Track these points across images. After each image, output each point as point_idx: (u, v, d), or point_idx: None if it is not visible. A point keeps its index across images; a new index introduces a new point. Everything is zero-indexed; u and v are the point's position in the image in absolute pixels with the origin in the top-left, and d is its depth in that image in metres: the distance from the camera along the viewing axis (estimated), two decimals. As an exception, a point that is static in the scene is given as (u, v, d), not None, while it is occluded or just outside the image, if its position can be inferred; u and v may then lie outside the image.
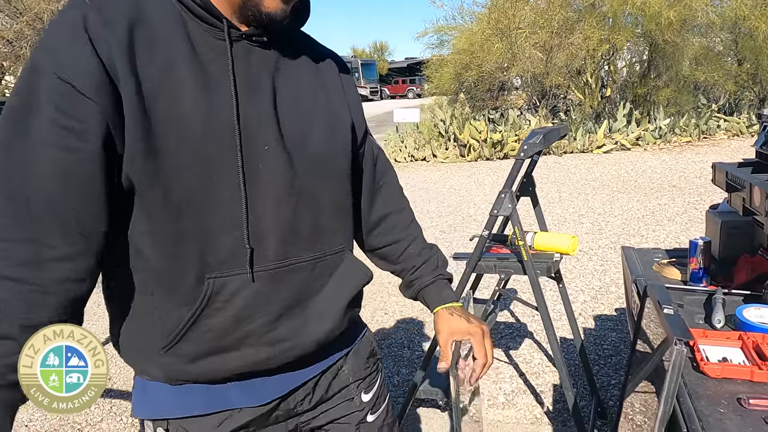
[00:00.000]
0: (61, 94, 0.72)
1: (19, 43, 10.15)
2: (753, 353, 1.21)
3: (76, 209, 0.75)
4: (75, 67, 0.72)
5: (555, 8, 11.23)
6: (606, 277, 4.12)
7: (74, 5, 0.76)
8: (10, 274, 0.73)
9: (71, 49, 0.73)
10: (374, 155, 1.10)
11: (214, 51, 0.82)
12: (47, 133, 0.72)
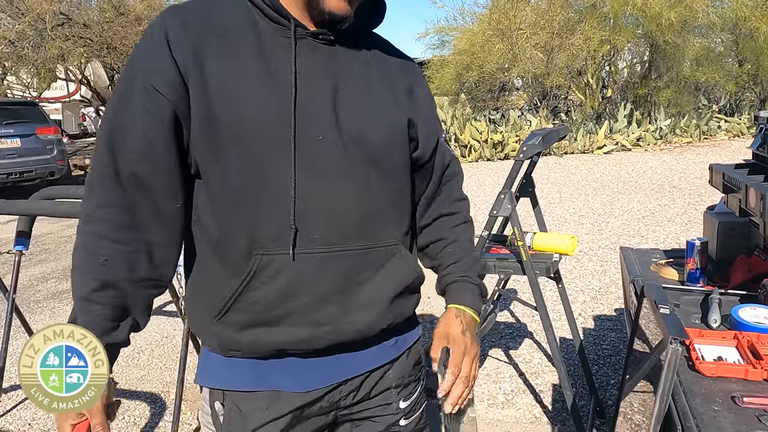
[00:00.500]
0: (145, 90, 0.87)
1: (21, 43, 10.17)
2: (748, 352, 1.23)
3: (160, 186, 0.90)
4: (154, 70, 0.87)
5: (556, 9, 11.24)
6: (606, 278, 4.13)
7: (160, 17, 0.91)
8: (115, 235, 0.88)
9: (153, 53, 0.88)
10: (444, 163, 1.10)
11: (281, 48, 0.90)
12: (138, 119, 0.88)
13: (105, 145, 0.89)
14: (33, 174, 8.81)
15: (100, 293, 0.88)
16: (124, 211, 0.88)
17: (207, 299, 0.95)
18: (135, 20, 10.96)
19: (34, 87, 13.72)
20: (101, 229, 0.88)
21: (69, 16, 10.47)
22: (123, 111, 0.89)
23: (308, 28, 0.91)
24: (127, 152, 0.88)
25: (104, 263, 0.88)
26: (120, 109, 0.89)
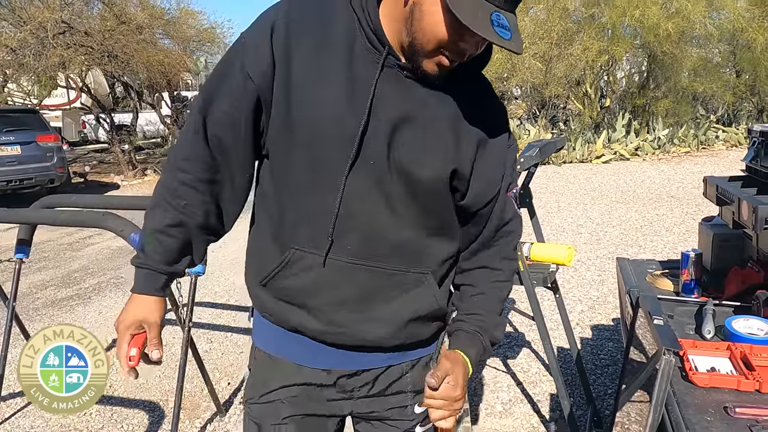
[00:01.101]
0: (242, 69, 0.97)
1: (22, 51, 10.20)
2: (740, 363, 1.25)
3: (237, 153, 1.02)
4: (252, 57, 0.96)
5: (554, 19, 11.31)
6: (604, 287, 4.15)
7: (274, 7, 0.99)
8: (196, 185, 1.02)
9: (256, 42, 0.96)
10: (503, 219, 1.08)
11: (368, 67, 0.95)
12: (230, 92, 0.98)
13: (200, 106, 1.01)
14: (33, 181, 8.82)
15: (174, 229, 1.02)
16: (206, 166, 1.01)
17: (256, 263, 1.08)
18: (136, 29, 10.99)
19: (35, 94, 13.75)
20: (185, 177, 1.01)
21: (70, 25, 10.49)
22: (221, 80, 0.99)
23: (399, 59, 0.95)
24: (216, 117, 0.99)
25: (184, 206, 1.02)
26: (220, 78, 1.00)
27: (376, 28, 0.94)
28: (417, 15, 0.90)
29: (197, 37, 12.91)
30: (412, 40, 0.92)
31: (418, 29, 0.91)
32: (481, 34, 0.85)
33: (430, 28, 0.90)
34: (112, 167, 12.67)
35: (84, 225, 2.29)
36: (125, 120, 13.82)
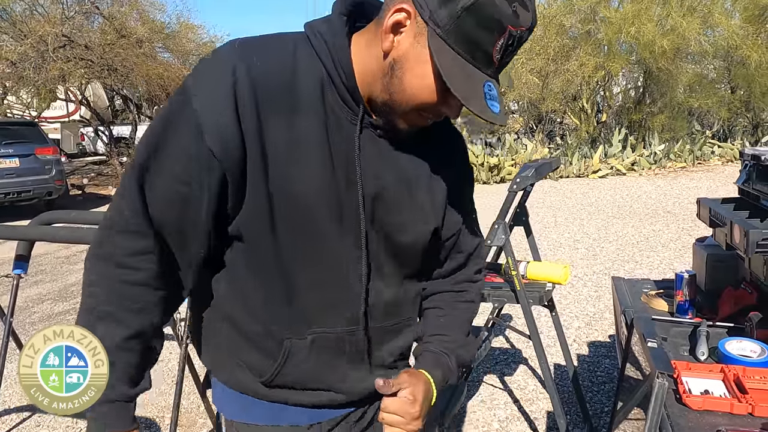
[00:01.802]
0: (198, 138, 0.80)
1: (22, 64, 10.27)
2: (733, 386, 1.26)
3: (191, 235, 0.86)
4: (214, 131, 0.79)
5: (551, 35, 11.43)
6: (600, 304, 4.16)
7: (230, 53, 0.82)
8: (150, 283, 0.86)
9: (217, 113, 0.79)
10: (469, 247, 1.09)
11: (342, 129, 0.87)
12: (180, 166, 0.82)
13: (136, 182, 0.82)
14: (31, 194, 8.83)
15: (133, 341, 0.87)
16: (157, 258, 0.85)
17: (234, 351, 0.96)
18: (136, 42, 11.09)
19: (34, 107, 13.81)
20: (135, 277, 0.84)
21: (71, 38, 10.59)
22: (164, 152, 0.82)
23: (371, 115, 0.89)
24: (161, 199, 0.83)
25: (139, 310, 0.86)
26: (162, 149, 0.81)
27: (351, 86, 0.85)
28: (398, 73, 0.82)
29: (197, 51, 13.01)
30: (389, 97, 0.84)
31: (398, 89, 0.83)
32: (475, 110, 0.79)
33: (413, 90, 0.82)
34: (110, 180, 12.69)
35: (83, 242, 2.30)
36: (124, 133, 13.87)
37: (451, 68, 0.78)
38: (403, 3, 0.79)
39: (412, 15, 0.79)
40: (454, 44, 0.78)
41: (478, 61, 0.79)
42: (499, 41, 0.78)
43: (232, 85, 0.79)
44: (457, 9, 0.76)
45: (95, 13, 11.35)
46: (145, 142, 0.83)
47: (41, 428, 2.91)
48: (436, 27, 0.77)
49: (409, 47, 0.80)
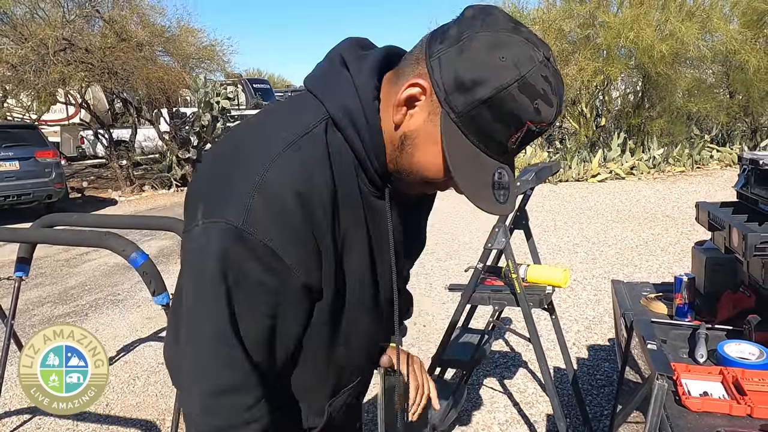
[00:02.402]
0: (271, 266, 0.76)
1: (23, 67, 10.28)
2: (732, 388, 1.27)
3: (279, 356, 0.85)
4: (291, 244, 0.76)
5: (550, 40, 11.45)
6: (599, 307, 4.17)
7: (286, 167, 0.75)
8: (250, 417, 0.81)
9: (288, 224, 0.75)
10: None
11: (373, 209, 0.87)
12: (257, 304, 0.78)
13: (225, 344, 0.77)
14: (31, 197, 8.84)
15: None
16: (268, 396, 0.83)
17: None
18: (136, 46, 11.10)
19: (34, 110, 13.81)
20: (263, 424, 0.82)
21: (71, 42, 10.59)
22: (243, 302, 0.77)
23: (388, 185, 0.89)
24: (255, 343, 0.80)
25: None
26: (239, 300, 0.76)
27: (383, 170, 0.83)
28: (408, 149, 0.80)
29: (197, 55, 13.01)
30: (397, 169, 0.83)
31: (406, 164, 0.81)
32: (480, 206, 0.78)
33: (421, 167, 0.80)
34: (109, 183, 12.69)
35: (84, 244, 2.31)
36: (124, 136, 13.88)
37: (460, 157, 0.76)
38: (420, 78, 0.76)
39: (428, 92, 0.76)
40: (467, 131, 0.75)
41: (491, 150, 0.77)
42: (516, 135, 0.75)
43: (301, 204, 0.76)
44: (474, 99, 0.73)
45: (96, 17, 11.36)
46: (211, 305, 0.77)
47: (41, 431, 2.91)
48: (451, 111, 0.74)
49: (421, 124, 0.77)
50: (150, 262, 2.12)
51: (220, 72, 14.84)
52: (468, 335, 2.47)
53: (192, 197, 0.80)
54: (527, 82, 0.72)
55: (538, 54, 0.73)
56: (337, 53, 0.84)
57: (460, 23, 0.75)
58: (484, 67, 0.72)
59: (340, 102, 0.79)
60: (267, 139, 0.78)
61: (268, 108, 0.90)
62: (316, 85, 0.83)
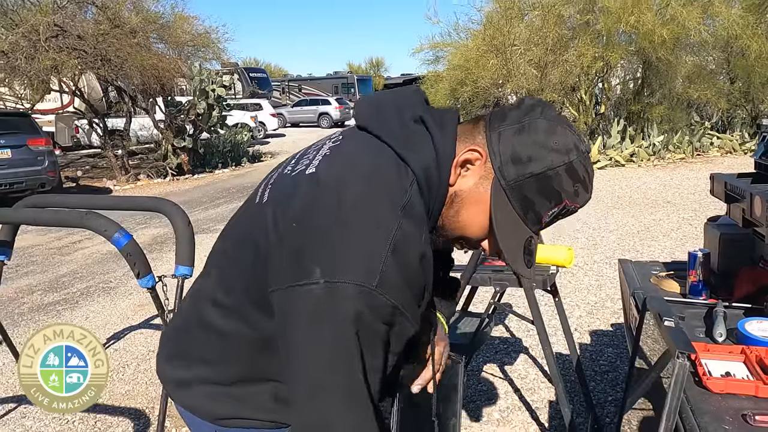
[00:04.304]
0: (397, 324, 0.80)
1: (14, 54, 10.08)
2: (757, 367, 1.17)
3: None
4: (413, 302, 0.83)
5: (549, 26, 11.31)
6: (602, 293, 4.08)
7: (409, 231, 0.80)
8: None
9: (414, 284, 0.82)
10: None
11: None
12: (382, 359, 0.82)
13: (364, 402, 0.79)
14: (23, 185, 8.71)
15: None
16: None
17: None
18: (130, 33, 10.91)
19: (28, 99, 13.62)
20: None
21: (63, 28, 10.39)
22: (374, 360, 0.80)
23: None
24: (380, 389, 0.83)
25: None
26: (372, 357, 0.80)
27: (433, 225, 0.90)
28: (456, 207, 0.88)
29: (192, 42, 12.81)
30: (442, 223, 0.90)
31: (452, 220, 0.90)
32: (513, 267, 0.88)
33: (465, 225, 0.89)
34: (105, 172, 12.56)
35: (66, 225, 2.20)
36: (119, 125, 13.70)
37: (504, 221, 0.86)
38: (478, 146, 0.86)
39: (483, 158, 0.86)
40: (512, 199, 0.85)
41: (528, 219, 0.86)
42: (553, 209, 0.86)
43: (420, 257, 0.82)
44: (526, 172, 0.84)
45: (88, 3, 11.17)
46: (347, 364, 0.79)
47: (27, 419, 2.82)
48: (502, 178, 0.85)
49: (472, 186, 0.87)
50: (133, 242, 2.01)
51: (216, 61, 14.66)
52: (468, 319, 2.38)
53: (296, 250, 0.79)
54: (573, 167, 0.84)
55: (582, 146, 0.86)
56: (408, 108, 0.89)
57: (521, 109, 0.88)
58: (539, 148, 0.84)
59: (424, 165, 0.85)
60: (377, 199, 0.81)
61: (345, 153, 0.89)
62: (397, 142, 0.86)
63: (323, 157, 0.87)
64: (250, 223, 0.91)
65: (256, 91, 24.39)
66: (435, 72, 15.05)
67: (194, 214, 7.95)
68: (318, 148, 0.92)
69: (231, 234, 0.98)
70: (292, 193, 0.84)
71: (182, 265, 2.24)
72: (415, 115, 0.88)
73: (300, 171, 0.87)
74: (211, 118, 12.35)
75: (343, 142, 0.91)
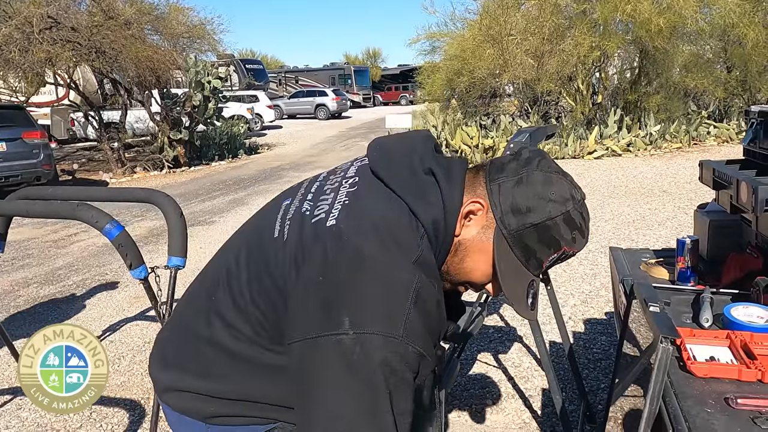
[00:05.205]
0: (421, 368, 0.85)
1: (8, 47, 10.02)
2: (741, 352, 1.18)
3: None
4: (433, 346, 0.88)
5: (546, 15, 11.26)
6: (596, 281, 4.09)
7: (426, 281, 0.85)
8: None
9: (434, 330, 0.87)
10: None
11: None
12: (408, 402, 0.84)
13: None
14: (19, 178, 8.68)
15: None
16: None
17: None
18: (124, 24, 10.84)
19: (23, 92, 13.55)
20: None
21: (57, 20, 10.32)
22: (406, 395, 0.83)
23: None
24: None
25: None
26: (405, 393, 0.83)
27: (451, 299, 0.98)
28: (460, 255, 0.93)
29: (187, 34, 12.73)
30: (447, 269, 0.95)
31: (456, 267, 0.94)
32: (516, 309, 0.92)
33: (468, 272, 0.94)
34: (101, 165, 12.52)
35: (57, 216, 2.20)
36: (114, 117, 13.64)
37: (507, 268, 0.91)
38: (480, 197, 0.92)
39: (485, 209, 0.91)
40: (514, 247, 0.90)
41: (530, 265, 0.92)
42: (553, 256, 0.92)
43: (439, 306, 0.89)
44: (526, 222, 0.89)
45: (82, -6, 11.10)
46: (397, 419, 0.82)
47: (22, 411, 2.83)
48: (504, 228, 0.90)
49: (475, 235, 0.92)
50: (125, 233, 2.01)
51: (211, 52, 14.57)
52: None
53: (324, 302, 0.82)
54: (570, 216, 0.90)
55: (578, 195, 0.92)
56: (418, 158, 0.93)
57: (519, 161, 0.93)
58: (537, 199, 0.89)
59: (432, 219, 0.90)
60: (396, 255, 0.85)
61: (363, 206, 0.91)
62: (409, 196, 0.90)
63: (342, 207, 0.90)
64: (269, 258, 0.92)
65: (252, 82, 24.29)
66: (432, 62, 15.00)
67: (191, 206, 7.94)
68: (335, 189, 0.94)
69: (244, 259, 0.97)
70: (313, 246, 0.87)
71: (175, 256, 2.24)
72: (425, 167, 0.92)
73: (320, 219, 0.89)
74: (207, 110, 12.31)
75: (360, 190, 0.93)
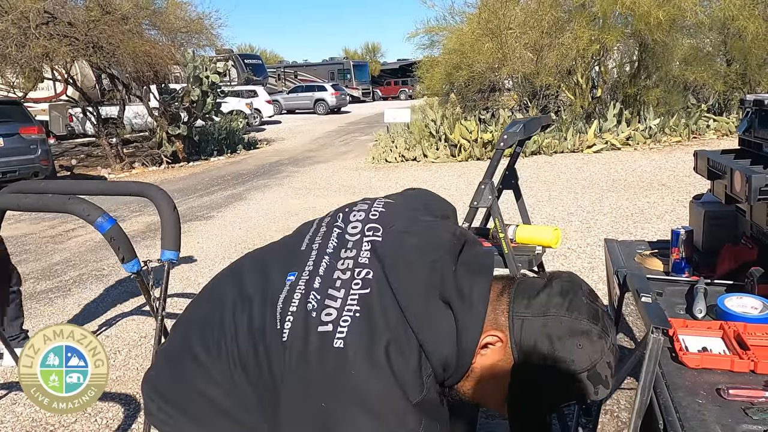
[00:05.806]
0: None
1: (4, 42, 9.99)
2: (734, 342, 1.17)
3: None
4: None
5: (545, 8, 11.21)
6: (594, 275, 4.08)
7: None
8: None
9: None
10: None
11: None
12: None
13: None
14: (16, 174, 8.67)
15: None
16: None
17: None
18: (121, 19, 10.80)
19: (20, 87, 13.51)
20: None
21: (54, 15, 10.29)
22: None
23: None
24: None
25: None
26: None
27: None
28: (472, 380, 0.89)
29: (185, 28, 12.69)
30: (457, 389, 0.91)
31: (468, 390, 0.90)
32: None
33: (480, 397, 0.91)
34: (99, 160, 12.50)
35: (49, 210, 2.19)
36: (112, 113, 13.61)
37: (519, 406, 0.88)
38: (500, 330, 0.86)
39: (504, 343, 0.86)
40: (529, 392, 0.86)
41: (543, 406, 0.90)
42: (571, 403, 0.91)
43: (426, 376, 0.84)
44: (545, 373, 0.83)
45: (79, -11, 11.05)
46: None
47: (17, 406, 2.82)
48: (520, 375, 0.85)
49: (491, 365, 0.87)
50: (117, 227, 1.99)
51: (210, 47, 14.52)
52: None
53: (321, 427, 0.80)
54: (596, 372, 0.83)
55: (607, 342, 0.84)
56: (439, 277, 0.86)
57: (550, 294, 0.85)
58: (561, 348, 0.82)
59: (442, 359, 0.84)
60: (399, 394, 0.80)
61: (373, 326, 0.84)
62: (420, 329, 0.83)
63: (352, 321, 0.82)
64: (271, 358, 0.86)
65: (251, 77, 24.25)
66: (430, 57, 14.96)
67: (189, 202, 7.93)
68: (346, 283, 0.87)
69: (243, 327, 0.91)
70: (319, 368, 0.81)
71: (168, 250, 2.24)
72: (443, 294, 0.85)
73: (327, 333, 0.82)
74: (205, 105, 12.28)
75: (372, 298, 0.85)
